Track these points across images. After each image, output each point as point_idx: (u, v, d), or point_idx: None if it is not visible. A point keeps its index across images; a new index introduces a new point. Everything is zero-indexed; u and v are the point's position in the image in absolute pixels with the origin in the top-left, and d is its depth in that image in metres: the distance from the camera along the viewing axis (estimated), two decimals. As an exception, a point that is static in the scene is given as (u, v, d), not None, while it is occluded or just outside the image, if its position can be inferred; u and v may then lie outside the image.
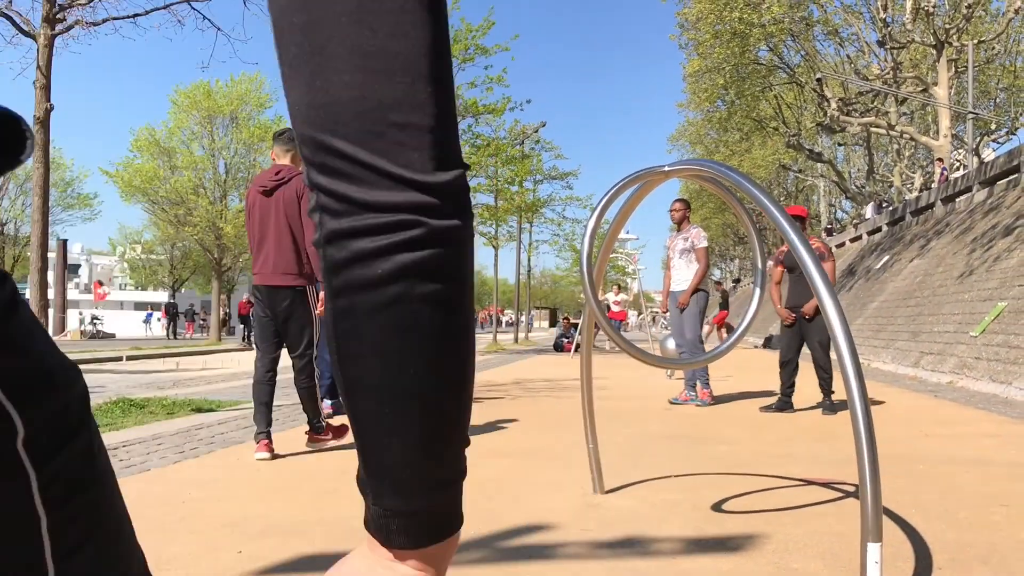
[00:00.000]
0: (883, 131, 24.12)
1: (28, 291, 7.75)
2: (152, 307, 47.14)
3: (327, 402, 5.72)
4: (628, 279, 46.10)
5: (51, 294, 18.40)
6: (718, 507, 3.18)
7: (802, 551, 2.57)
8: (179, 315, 36.85)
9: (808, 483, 3.62)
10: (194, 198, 25.44)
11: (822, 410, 6.31)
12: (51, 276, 21.58)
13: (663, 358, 6.86)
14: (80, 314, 37.04)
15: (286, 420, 5.64)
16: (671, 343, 8.23)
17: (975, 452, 4.44)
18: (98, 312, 39.27)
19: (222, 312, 29.51)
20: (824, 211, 40.07)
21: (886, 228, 21.80)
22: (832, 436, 5.11)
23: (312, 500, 3.30)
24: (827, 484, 3.59)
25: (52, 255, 24.12)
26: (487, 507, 3.16)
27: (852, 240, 25.54)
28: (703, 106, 29.40)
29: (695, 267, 6.93)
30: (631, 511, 3.11)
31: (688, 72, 28.03)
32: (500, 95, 20.78)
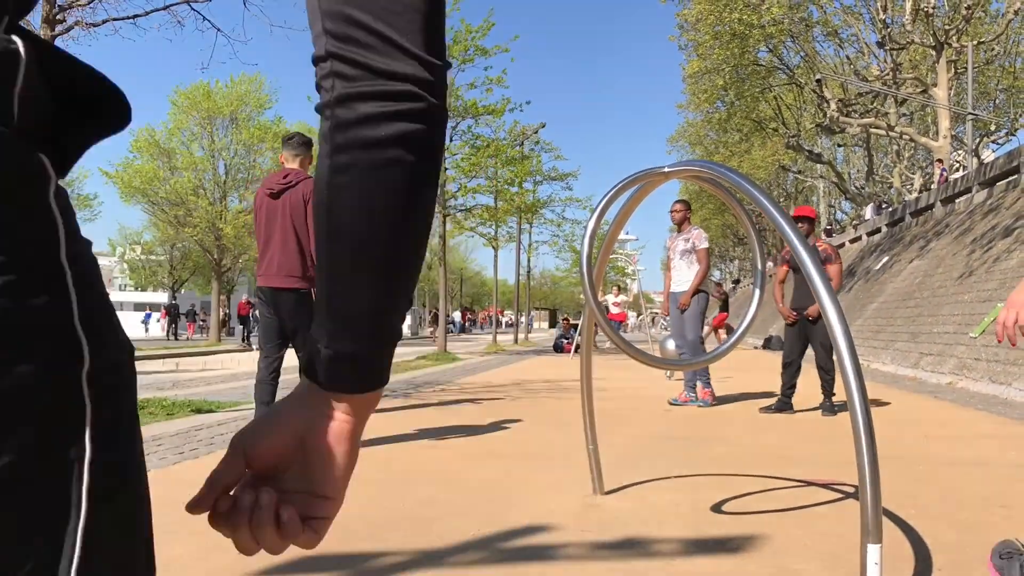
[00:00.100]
0: (883, 132, 24.14)
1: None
2: (151, 308, 47.09)
3: None
4: (628, 280, 46.15)
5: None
6: (718, 508, 3.18)
7: (802, 552, 2.58)
8: (180, 316, 36.84)
9: (808, 484, 3.62)
10: (194, 199, 25.45)
11: (822, 411, 6.31)
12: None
13: (663, 359, 6.87)
14: (80, 315, 36.90)
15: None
16: (671, 344, 8.24)
17: (975, 453, 4.45)
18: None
19: (222, 313, 29.52)
20: (824, 212, 40.10)
21: (886, 229, 21.82)
22: (832, 437, 5.11)
23: (312, 501, 3.30)
24: (827, 485, 3.59)
25: (52, 256, 23.99)
26: (487, 508, 3.16)
27: (852, 241, 25.55)
28: (703, 107, 29.43)
29: (696, 268, 6.91)
30: (631, 512, 3.11)
31: (688, 73, 28.07)
32: (500, 96, 20.86)
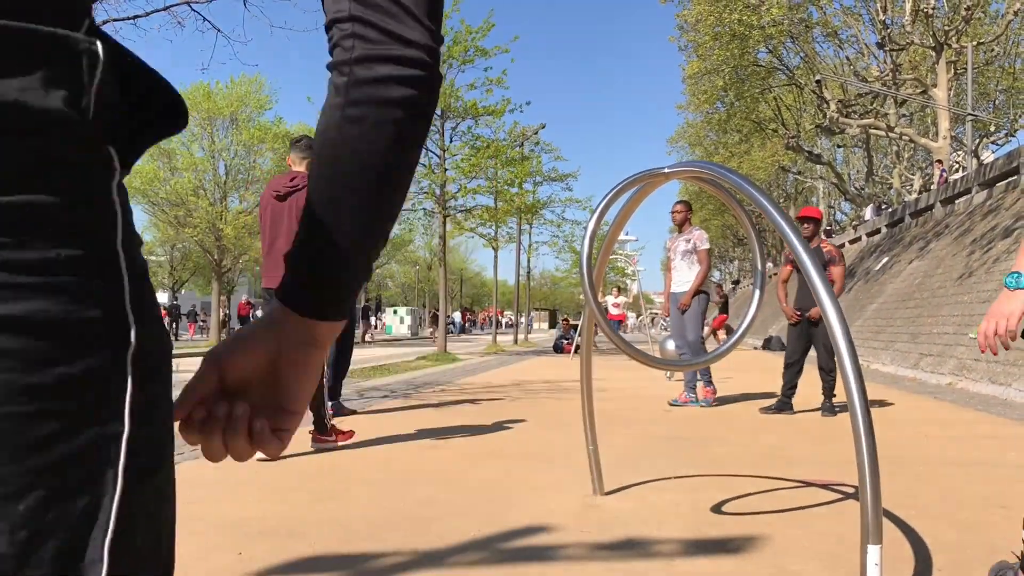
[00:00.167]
0: (882, 133, 24.14)
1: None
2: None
3: (328, 403, 5.71)
4: (627, 280, 46.12)
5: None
6: (718, 509, 3.18)
7: (802, 553, 2.58)
8: (181, 316, 36.82)
9: (808, 485, 3.63)
10: (194, 199, 25.44)
11: (822, 412, 6.31)
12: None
13: (663, 360, 6.87)
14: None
15: (286, 422, 5.64)
16: (670, 344, 8.24)
17: (975, 453, 4.45)
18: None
19: (222, 313, 29.50)
20: (824, 213, 40.07)
21: (885, 230, 21.82)
22: (832, 438, 5.11)
23: (312, 502, 3.30)
24: (827, 486, 3.59)
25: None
26: (487, 508, 3.16)
27: (851, 242, 25.55)
28: (702, 108, 29.45)
29: (697, 268, 6.91)
30: (631, 513, 3.11)
31: (687, 74, 28.09)
32: (500, 97, 20.87)
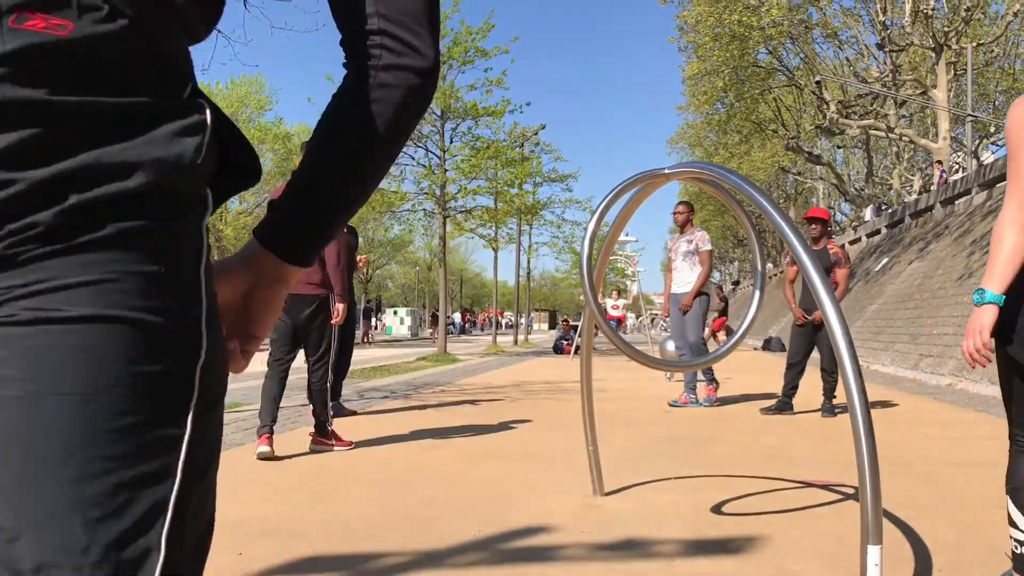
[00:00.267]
0: (882, 134, 24.15)
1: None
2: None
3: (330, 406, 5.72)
4: (627, 281, 46.08)
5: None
6: (718, 509, 3.18)
7: (802, 553, 2.58)
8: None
9: (808, 485, 3.63)
10: (194, 200, 25.42)
11: (822, 413, 6.31)
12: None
13: (662, 360, 6.88)
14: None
15: (288, 422, 5.64)
16: (670, 345, 8.24)
17: (975, 454, 4.45)
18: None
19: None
20: (824, 213, 40.03)
21: (885, 230, 21.82)
22: (832, 438, 5.11)
23: (312, 502, 3.30)
24: (827, 486, 3.59)
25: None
26: (487, 508, 3.16)
27: (851, 242, 25.55)
28: (702, 109, 29.43)
29: (698, 269, 6.90)
30: (631, 513, 3.12)
31: (687, 75, 28.07)
32: (500, 97, 20.76)
